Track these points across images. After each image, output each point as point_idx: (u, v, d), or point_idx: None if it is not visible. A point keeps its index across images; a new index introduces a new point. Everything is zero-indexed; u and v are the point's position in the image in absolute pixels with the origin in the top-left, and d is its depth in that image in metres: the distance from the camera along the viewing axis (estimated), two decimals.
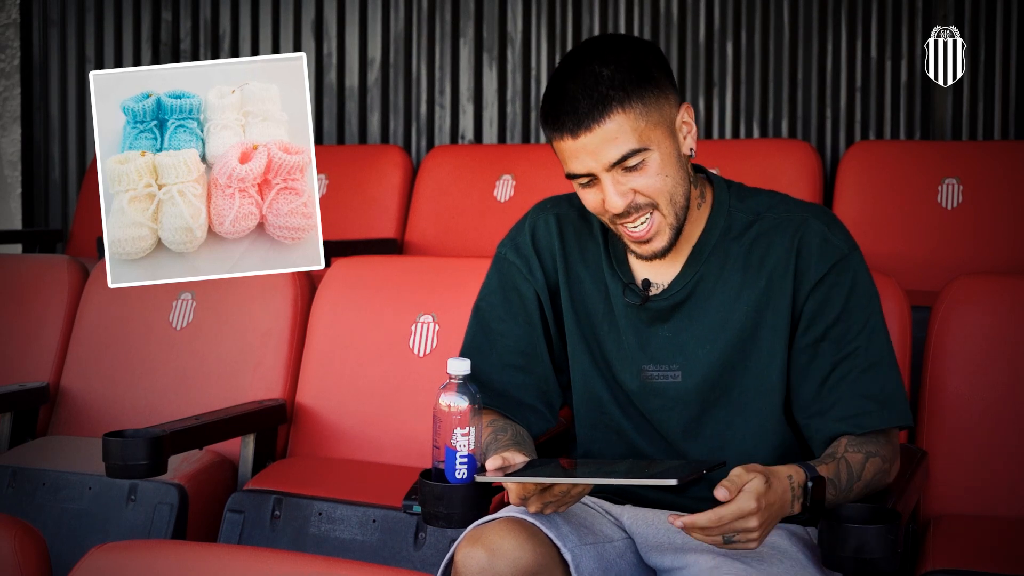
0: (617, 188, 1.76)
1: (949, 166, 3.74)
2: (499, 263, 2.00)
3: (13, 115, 4.91)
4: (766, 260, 1.84)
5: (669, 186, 1.78)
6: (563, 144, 1.78)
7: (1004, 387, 2.32)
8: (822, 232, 1.84)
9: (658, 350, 1.87)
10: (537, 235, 1.97)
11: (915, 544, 2.21)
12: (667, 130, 1.78)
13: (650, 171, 1.76)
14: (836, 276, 1.82)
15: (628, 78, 1.75)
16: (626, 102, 1.74)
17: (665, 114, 1.78)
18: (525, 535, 1.71)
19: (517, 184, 4.07)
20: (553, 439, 2.28)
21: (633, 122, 1.74)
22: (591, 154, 1.75)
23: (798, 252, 1.83)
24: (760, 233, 1.86)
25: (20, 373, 3.01)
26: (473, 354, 1.98)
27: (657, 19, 4.40)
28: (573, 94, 1.75)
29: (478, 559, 1.68)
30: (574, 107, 1.74)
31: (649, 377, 1.88)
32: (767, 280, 1.84)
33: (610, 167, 1.75)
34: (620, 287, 1.90)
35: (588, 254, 1.94)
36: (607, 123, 1.73)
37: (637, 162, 1.75)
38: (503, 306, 1.98)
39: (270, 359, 2.81)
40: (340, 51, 4.70)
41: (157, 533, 2.46)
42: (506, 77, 4.56)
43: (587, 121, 1.74)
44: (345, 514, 2.40)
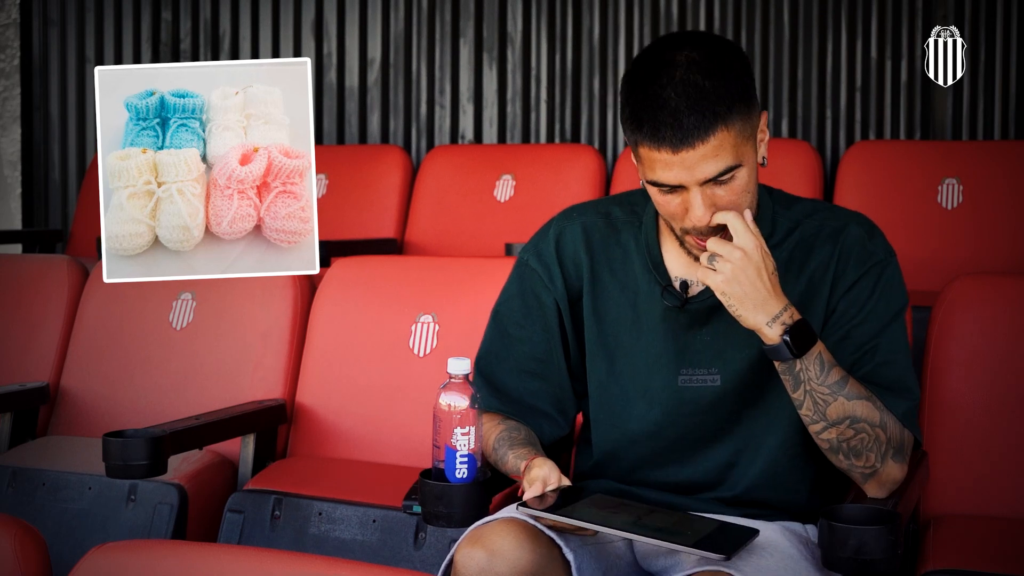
0: (704, 201, 1.72)
1: (949, 166, 3.74)
2: (520, 269, 1.99)
3: (13, 115, 4.91)
4: (806, 266, 1.85)
5: (747, 201, 1.76)
6: (656, 155, 1.70)
7: (1004, 387, 2.32)
8: (862, 238, 1.86)
9: (696, 354, 1.86)
10: (562, 243, 1.95)
11: (915, 544, 2.21)
12: (754, 142, 1.76)
13: (737, 186, 1.73)
14: (868, 279, 1.84)
15: (731, 93, 1.69)
16: (729, 120, 1.69)
17: (754, 126, 1.75)
18: (525, 535, 1.70)
19: (517, 184, 4.07)
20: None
21: (733, 139, 1.70)
22: (688, 169, 1.70)
23: (838, 257, 1.84)
24: (801, 239, 1.87)
25: (20, 373, 3.00)
26: (490, 359, 1.98)
27: (657, 19, 4.40)
28: (676, 107, 1.68)
29: (478, 560, 1.68)
30: (678, 121, 1.67)
31: (686, 382, 1.86)
32: (807, 284, 1.85)
33: (703, 183, 1.71)
34: (658, 289, 1.88)
35: (615, 263, 1.93)
36: (711, 141, 1.68)
37: (729, 177, 1.72)
38: (522, 312, 1.97)
39: (270, 359, 2.81)
40: (340, 51, 4.70)
41: (157, 533, 2.46)
42: (506, 77, 4.56)
43: (691, 139, 1.67)
44: (345, 514, 2.40)
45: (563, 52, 4.51)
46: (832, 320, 1.84)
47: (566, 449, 2.40)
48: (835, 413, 1.74)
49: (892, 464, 1.80)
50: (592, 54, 4.47)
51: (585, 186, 3.96)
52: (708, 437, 1.88)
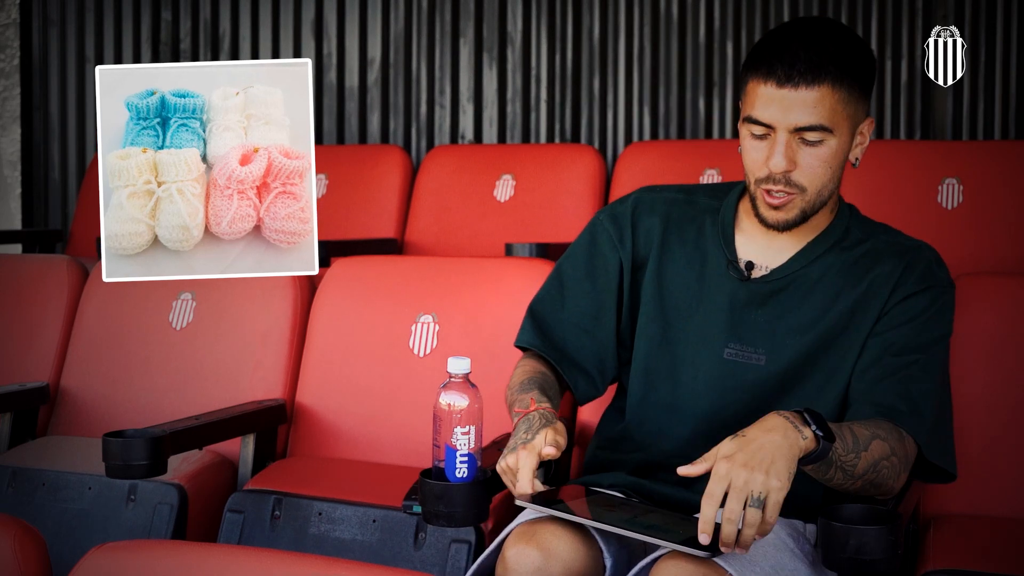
0: (787, 151, 1.79)
1: (949, 166, 3.74)
2: (593, 226, 2.05)
3: (13, 115, 4.91)
4: (870, 271, 1.89)
5: (826, 179, 1.83)
6: (761, 88, 1.80)
7: (1004, 387, 2.32)
8: (930, 261, 1.92)
9: (748, 331, 1.90)
10: (639, 209, 2.01)
11: (915, 544, 2.21)
12: (851, 128, 1.84)
13: (822, 154, 1.81)
14: (923, 296, 1.88)
15: (850, 63, 1.79)
16: (838, 82, 1.78)
17: (858, 114, 1.84)
18: (577, 537, 1.72)
19: (517, 184, 4.07)
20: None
21: (834, 102, 1.78)
22: (784, 109, 1.78)
23: (903, 269, 1.89)
24: (870, 249, 1.92)
25: (20, 373, 3.00)
26: (544, 304, 2.03)
27: (657, 19, 4.40)
28: (796, 49, 1.78)
29: (532, 559, 1.68)
30: (792, 60, 1.77)
31: (732, 356, 1.90)
32: (867, 286, 1.89)
33: (793, 130, 1.79)
34: (724, 264, 1.93)
35: (688, 235, 1.98)
36: (814, 89, 1.77)
37: (817, 139, 1.80)
38: (585, 267, 2.02)
39: (270, 359, 2.81)
40: (340, 51, 4.70)
41: (157, 533, 2.46)
42: (506, 77, 4.56)
43: (798, 78, 1.76)
44: (345, 514, 2.40)
45: (563, 52, 4.51)
46: (880, 322, 1.87)
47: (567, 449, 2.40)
48: (862, 468, 1.73)
49: (904, 477, 1.82)
50: (592, 54, 4.47)
51: (585, 186, 3.96)
52: (741, 419, 1.88)
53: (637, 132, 4.45)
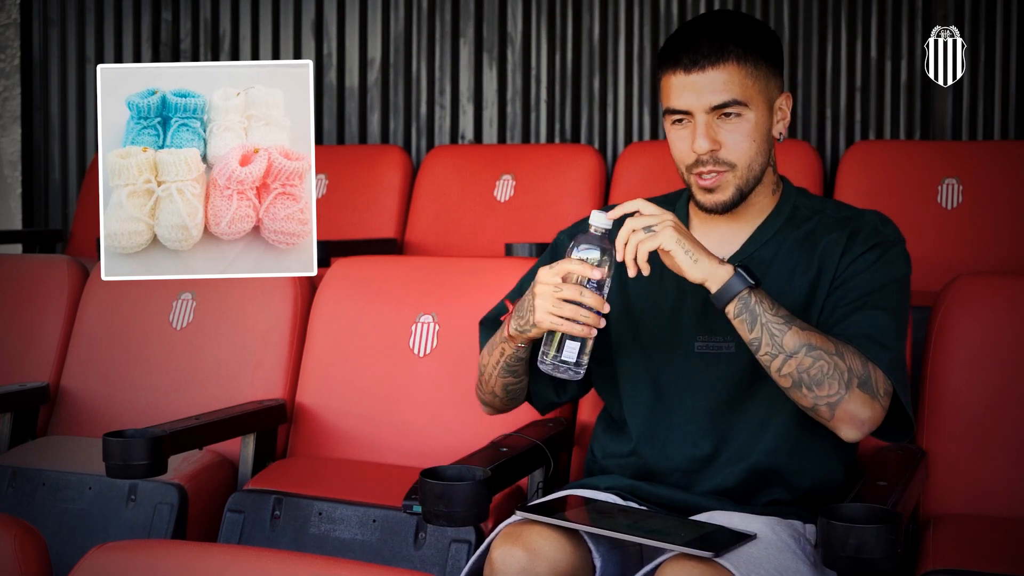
0: (707, 132, 1.86)
1: (949, 166, 3.74)
2: (554, 245, 2.11)
3: (13, 115, 4.91)
4: (819, 245, 1.93)
5: (752, 153, 1.88)
6: (672, 79, 1.88)
7: (1004, 387, 2.32)
8: (874, 223, 1.95)
9: (714, 322, 1.92)
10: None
11: (915, 544, 2.21)
12: (767, 103, 1.90)
13: (743, 128, 1.86)
14: (872, 252, 1.91)
15: (751, 41, 1.88)
16: (743, 59, 1.85)
17: (771, 89, 1.91)
18: (563, 537, 1.72)
19: (517, 184, 4.07)
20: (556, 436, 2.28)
21: (743, 78, 1.85)
22: (696, 93, 1.85)
23: (849, 235, 1.92)
24: (819, 224, 1.96)
25: (20, 373, 3.00)
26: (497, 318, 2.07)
27: (657, 19, 4.40)
28: (697, 37, 1.87)
29: (518, 559, 1.69)
30: (695, 47, 1.86)
31: (702, 348, 1.94)
32: (819, 259, 1.92)
33: (709, 110, 1.85)
34: None
35: None
36: (720, 70, 1.85)
37: (735, 113, 1.85)
38: None
39: (270, 359, 2.81)
40: (340, 51, 4.70)
41: (157, 533, 2.46)
42: (506, 77, 4.56)
43: (703, 61, 1.85)
44: (345, 514, 2.40)
45: (563, 52, 4.51)
46: (833, 287, 1.90)
47: (566, 448, 2.41)
48: (791, 342, 1.75)
49: (858, 395, 1.77)
50: (592, 54, 4.47)
51: (585, 186, 3.96)
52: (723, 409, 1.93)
53: (637, 132, 4.45)
